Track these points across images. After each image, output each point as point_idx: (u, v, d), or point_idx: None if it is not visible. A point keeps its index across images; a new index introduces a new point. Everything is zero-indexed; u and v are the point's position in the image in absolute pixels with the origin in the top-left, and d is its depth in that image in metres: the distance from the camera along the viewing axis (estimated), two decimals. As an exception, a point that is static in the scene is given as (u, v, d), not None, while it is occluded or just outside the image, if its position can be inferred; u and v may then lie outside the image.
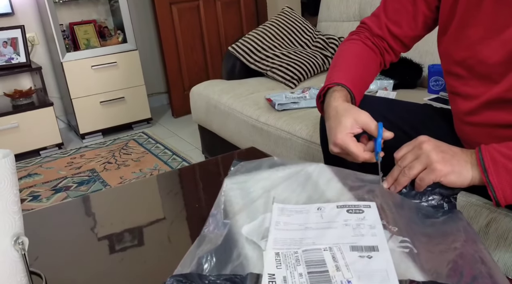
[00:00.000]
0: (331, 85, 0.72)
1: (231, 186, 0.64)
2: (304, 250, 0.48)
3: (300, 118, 1.46)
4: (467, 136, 0.74)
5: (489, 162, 0.54)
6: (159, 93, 3.16)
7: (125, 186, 1.31)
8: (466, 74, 0.71)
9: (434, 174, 0.55)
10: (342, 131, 0.64)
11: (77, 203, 0.90)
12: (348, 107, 0.67)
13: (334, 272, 0.44)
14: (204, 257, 0.48)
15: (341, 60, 0.80)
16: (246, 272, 0.46)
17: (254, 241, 0.51)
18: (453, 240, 0.49)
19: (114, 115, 2.65)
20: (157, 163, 2.22)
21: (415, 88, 1.65)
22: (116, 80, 2.61)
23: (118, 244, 0.65)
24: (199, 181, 0.91)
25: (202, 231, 0.54)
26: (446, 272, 0.44)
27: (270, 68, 1.96)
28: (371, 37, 0.82)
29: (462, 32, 0.69)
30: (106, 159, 2.31)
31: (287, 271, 0.45)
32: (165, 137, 2.57)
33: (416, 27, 0.79)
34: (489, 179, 0.54)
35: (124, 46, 2.60)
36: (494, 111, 0.67)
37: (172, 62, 2.83)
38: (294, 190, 0.61)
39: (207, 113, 1.94)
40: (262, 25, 2.12)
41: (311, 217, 0.54)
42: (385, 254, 0.46)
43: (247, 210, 0.57)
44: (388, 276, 0.43)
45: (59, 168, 2.26)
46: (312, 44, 2.09)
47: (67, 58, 2.45)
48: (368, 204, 0.55)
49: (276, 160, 0.68)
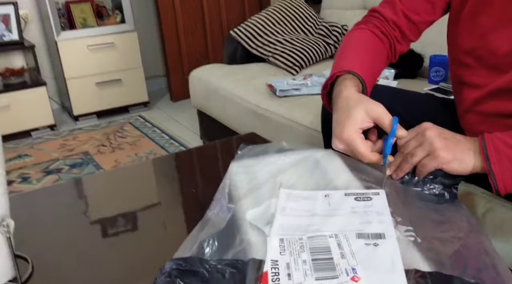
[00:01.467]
0: (340, 73, 0.68)
1: (237, 169, 0.63)
2: (309, 237, 0.47)
3: (301, 105, 1.45)
4: (471, 126, 0.74)
5: (492, 151, 0.54)
6: (158, 76, 3.12)
7: (119, 169, 1.29)
8: (474, 64, 0.70)
9: (437, 161, 0.55)
10: (350, 125, 0.59)
11: (68, 186, 0.88)
12: (360, 98, 0.62)
13: (339, 259, 0.43)
14: (206, 241, 0.47)
15: (350, 49, 0.76)
16: (248, 257, 0.45)
17: (258, 227, 0.50)
18: (457, 230, 0.49)
19: (110, 97, 2.61)
20: (153, 147, 2.19)
21: (415, 78, 1.65)
22: (113, 62, 2.56)
23: (111, 229, 0.64)
24: (196, 165, 0.89)
25: (206, 214, 0.53)
26: (450, 263, 0.43)
27: (272, 54, 1.93)
28: (381, 25, 0.79)
29: (474, 21, 0.68)
30: (100, 142, 2.28)
31: (291, 257, 0.44)
32: (162, 121, 2.54)
33: (434, 12, 0.77)
34: (491, 168, 0.54)
35: (122, 27, 2.55)
36: (500, 101, 0.67)
37: (172, 45, 2.78)
38: (301, 176, 0.60)
39: (207, 98, 1.91)
40: (265, 10, 2.08)
41: (318, 203, 0.53)
42: (392, 242, 0.45)
43: (253, 195, 0.56)
44: (394, 265, 0.42)
45: (51, 150, 2.23)
46: (315, 31, 2.06)
47: (62, 36, 2.40)
48: (377, 191, 0.54)
49: (284, 145, 0.67)
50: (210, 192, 0.58)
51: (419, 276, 0.41)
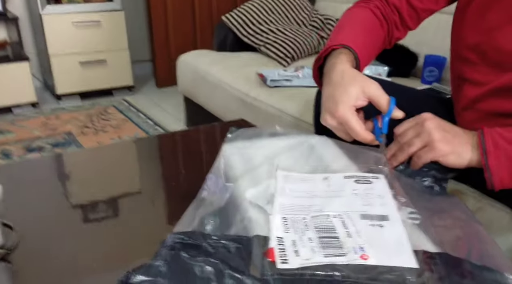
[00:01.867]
0: (336, 46, 0.65)
1: (231, 151, 0.62)
2: (312, 216, 0.46)
3: (292, 96, 1.45)
4: (468, 123, 0.73)
5: (491, 145, 0.54)
6: (143, 61, 3.06)
7: (103, 148, 1.27)
8: (477, 60, 0.69)
9: (434, 153, 0.55)
10: (345, 102, 0.57)
11: (53, 159, 0.86)
12: (356, 74, 0.60)
13: (345, 238, 0.43)
14: (207, 217, 0.46)
15: (349, 24, 0.73)
16: (251, 234, 0.45)
17: (259, 205, 0.49)
18: (455, 218, 0.49)
19: (94, 78, 2.55)
20: (137, 131, 2.16)
21: (408, 77, 1.65)
22: (98, 41, 2.50)
23: (95, 202, 0.62)
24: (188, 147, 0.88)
25: (199, 194, 0.53)
26: (456, 247, 0.44)
27: (264, 43, 1.92)
28: (382, 7, 0.76)
29: (481, 16, 0.67)
30: (84, 123, 2.23)
31: (296, 235, 0.44)
32: (147, 106, 2.51)
33: (437, 1, 0.76)
34: (488, 162, 0.54)
35: (109, 5, 2.48)
36: (501, 99, 0.66)
37: (160, 29, 2.73)
38: (297, 160, 0.60)
39: (194, 84, 1.89)
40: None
41: (317, 185, 0.53)
42: (397, 224, 0.45)
43: (250, 175, 0.55)
44: (403, 245, 0.42)
45: (33, 127, 2.17)
46: (308, 23, 2.06)
47: (47, 10, 2.32)
48: (377, 176, 0.54)
49: (278, 130, 0.66)
50: (200, 173, 0.57)
51: (428, 256, 0.41)
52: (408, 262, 0.40)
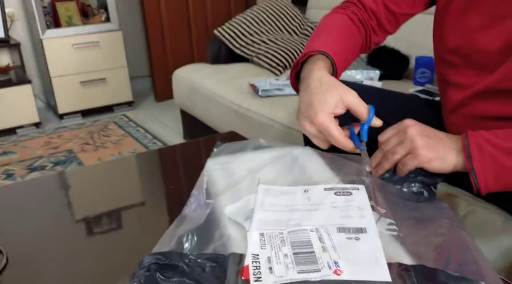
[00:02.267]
0: (314, 53, 0.64)
1: (215, 166, 0.62)
2: (289, 231, 0.46)
3: (283, 105, 1.46)
4: (455, 127, 0.72)
5: (475, 149, 0.53)
6: (143, 76, 3.11)
7: (102, 164, 1.30)
8: (460, 63, 0.68)
9: (418, 159, 0.54)
10: (324, 110, 0.56)
11: (50, 179, 0.87)
12: (334, 82, 0.59)
13: (321, 253, 0.42)
14: (185, 236, 0.46)
15: (326, 31, 0.73)
16: (228, 252, 0.44)
17: (238, 222, 0.49)
18: (438, 225, 0.48)
19: (95, 96, 2.60)
20: (136, 146, 2.20)
21: (401, 79, 1.65)
22: (98, 60, 2.55)
23: (92, 223, 0.63)
24: (178, 162, 0.90)
25: (183, 211, 0.52)
26: (433, 257, 0.43)
27: (256, 54, 1.96)
28: (359, 13, 0.75)
29: (461, 18, 0.67)
30: (84, 140, 2.28)
31: (272, 251, 0.43)
32: (146, 121, 2.54)
33: (415, 5, 0.75)
34: (473, 166, 0.52)
35: (107, 26, 2.54)
36: (486, 102, 0.65)
37: (157, 45, 2.78)
38: (280, 172, 0.59)
39: (190, 97, 1.93)
40: (250, 10, 2.10)
41: (297, 198, 0.52)
42: (373, 236, 0.44)
43: (231, 191, 0.55)
44: (377, 258, 0.42)
45: (36, 147, 2.22)
46: (300, 31, 2.09)
47: (47, 35, 2.38)
48: (357, 187, 0.53)
49: (262, 142, 0.66)
50: (189, 188, 0.57)
51: (402, 269, 0.41)
52: (381, 275, 0.40)
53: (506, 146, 0.52)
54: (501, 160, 0.52)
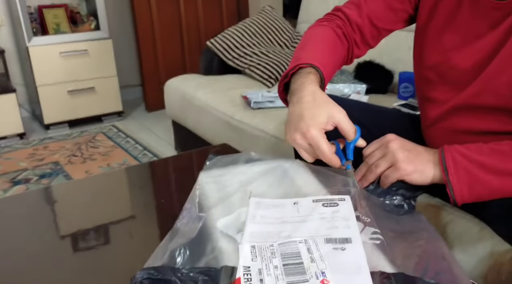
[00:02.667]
0: (304, 65, 0.67)
1: (207, 179, 0.64)
2: (280, 243, 0.48)
3: (275, 116, 1.47)
4: (434, 141, 0.77)
5: (450, 162, 0.57)
6: (133, 85, 3.09)
7: (90, 178, 1.27)
8: (436, 79, 0.73)
9: (398, 172, 0.58)
10: (315, 125, 0.59)
11: (36, 195, 0.86)
12: (326, 99, 0.62)
13: (309, 263, 0.45)
14: (177, 250, 0.47)
15: (312, 43, 0.76)
16: (220, 265, 0.46)
17: (230, 235, 0.51)
18: (416, 237, 0.52)
19: (83, 106, 2.57)
20: (126, 158, 2.17)
21: (386, 93, 1.71)
22: (86, 69, 2.53)
23: (82, 240, 0.63)
24: (169, 175, 0.89)
25: (175, 224, 0.54)
26: (413, 266, 0.46)
27: (248, 66, 1.96)
28: (343, 26, 0.79)
29: (438, 37, 0.72)
30: (72, 152, 2.24)
31: (263, 263, 0.45)
32: (136, 131, 2.52)
33: (396, 21, 0.79)
34: (449, 178, 0.57)
35: (97, 34, 2.53)
36: (461, 117, 0.70)
37: (148, 54, 2.77)
38: (271, 185, 0.62)
39: (182, 108, 1.92)
40: (242, 22, 2.12)
41: (287, 211, 0.55)
42: (358, 246, 0.48)
43: (223, 204, 0.57)
44: (360, 268, 0.44)
45: (20, 159, 2.17)
46: (291, 44, 2.11)
47: (34, 42, 2.36)
48: (343, 197, 0.56)
49: (253, 155, 0.68)
50: (181, 202, 0.58)
51: (384, 277, 0.44)
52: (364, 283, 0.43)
53: (478, 159, 0.57)
54: (474, 172, 0.57)
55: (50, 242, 0.62)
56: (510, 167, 0.56)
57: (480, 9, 0.66)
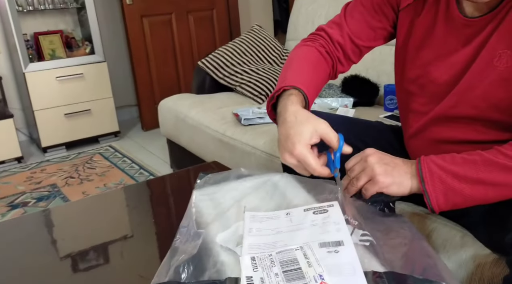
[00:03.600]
0: (287, 88, 0.71)
1: (201, 197, 0.66)
2: (277, 252, 0.51)
3: (265, 133, 1.50)
4: (416, 151, 0.80)
5: (426, 173, 0.60)
6: (130, 105, 3.13)
7: (87, 199, 1.29)
8: (417, 91, 0.77)
9: (377, 185, 0.61)
10: (301, 141, 0.62)
11: (33, 218, 0.86)
12: (307, 115, 0.65)
13: (307, 268, 0.48)
14: (181, 266, 0.50)
15: (297, 64, 0.79)
16: (224, 277, 0.48)
17: (230, 248, 0.53)
18: (402, 237, 0.55)
19: (79, 128, 2.60)
20: (123, 177, 2.19)
21: (372, 105, 1.75)
22: (82, 92, 2.57)
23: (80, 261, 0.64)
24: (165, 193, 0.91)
25: (173, 243, 0.56)
26: (401, 264, 0.49)
27: (239, 83, 2.01)
28: (326, 45, 0.83)
29: (417, 53, 0.76)
30: (69, 174, 2.26)
31: (264, 272, 0.48)
32: (133, 151, 2.55)
33: (376, 39, 0.83)
34: (425, 188, 0.59)
35: (92, 58, 2.58)
36: (440, 128, 0.74)
37: (143, 75, 2.82)
38: (263, 198, 0.65)
39: (176, 127, 1.95)
40: (232, 42, 2.17)
41: (281, 222, 0.58)
42: (350, 248, 0.50)
43: (220, 220, 0.60)
44: (354, 269, 0.47)
45: (17, 183, 2.19)
46: (280, 61, 2.16)
47: (30, 68, 2.40)
48: (331, 203, 0.60)
49: (243, 171, 0.71)
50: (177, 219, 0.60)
51: (377, 276, 0.47)
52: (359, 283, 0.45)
53: (452, 169, 0.60)
54: (448, 182, 0.59)
55: (49, 264, 0.63)
56: (480, 176, 0.59)
57: (453, 26, 0.70)
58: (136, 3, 2.71)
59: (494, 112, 0.66)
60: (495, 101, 0.65)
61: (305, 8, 2.12)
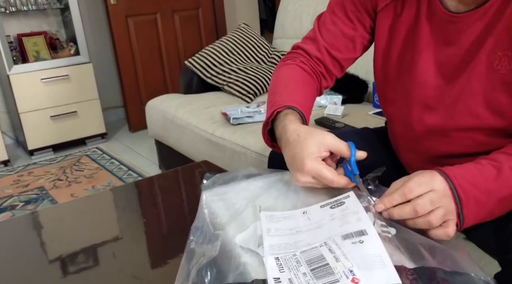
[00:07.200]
0: (280, 109, 0.65)
1: (212, 198, 0.63)
2: (302, 251, 0.48)
3: (254, 132, 1.48)
4: (412, 164, 0.74)
5: (461, 194, 0.52)
6: (116, 107, 3.09)
7: (75, 201, 1.28)
8: (403, 100, 0.70)
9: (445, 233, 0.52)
10: (310, 156, 0.56)
11: (21, 221, 0.84)
12: (310, 129, 0.61)
13: (335, 263, 0.45)
14: (203, 269, 0.47)
15: (283, 84, 0.74)
16: (249, 279, 0.46)
17: (251, 249, 0.51)
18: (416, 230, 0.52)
19: (66, 130, 2.55)
20: (111, 179, 2.17)
21: (361, 102, 1.74)
22: (68, 94, 2.52)
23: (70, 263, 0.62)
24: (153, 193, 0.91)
25: (187, 245, 0.53)
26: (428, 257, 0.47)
27: (227, 82, 2.01)
28: (307, 62, 0.77)
29: (402, 56, 0.69)
30: (56, 176, 2.22)
31: (291, 273, 0.45)
32: (120, 152, 2.51)
33: (355, 49, 0.77)
34: (462, 211, 0.52)
35: (77, 59, 2.53)
36: (434, 142, 0.67)
37: (129, 76, 2.78)
38: (277, 198, 0.62)
39: (164, 128, 1.94)
40: (219, 41, 2.16)
41: (299, 221, 0.55)
42: (374, 237, 0.48)
43: (236, 221, 0.57)
44: (383, 261, 0.45)
45: (4, 186, 2.14)
46: (267, 59, 2.17)
47: (14, 70, 2.34)
48: (347, 195, 0.56)
49: (252, 170, 0.68)
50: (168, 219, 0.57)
51: (407, 272, 0.44)
52: (391, 279, 0.43)
53: (486, 187, 0.53)
54: (482, 201, 0.53)
55: (38, 267, 0.61)
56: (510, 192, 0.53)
57: (437, 22, 0.63)
58: (121, 3, 2.67)
59: (497, 119, 0.60)
60: (499, 107, 0.59)
61: (292, 6, 2.10)
